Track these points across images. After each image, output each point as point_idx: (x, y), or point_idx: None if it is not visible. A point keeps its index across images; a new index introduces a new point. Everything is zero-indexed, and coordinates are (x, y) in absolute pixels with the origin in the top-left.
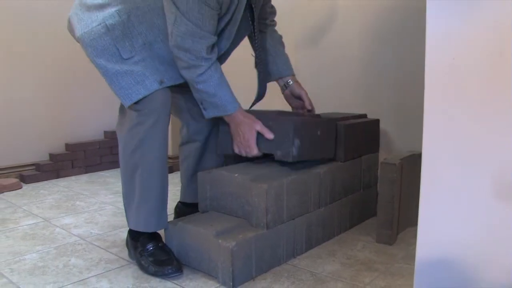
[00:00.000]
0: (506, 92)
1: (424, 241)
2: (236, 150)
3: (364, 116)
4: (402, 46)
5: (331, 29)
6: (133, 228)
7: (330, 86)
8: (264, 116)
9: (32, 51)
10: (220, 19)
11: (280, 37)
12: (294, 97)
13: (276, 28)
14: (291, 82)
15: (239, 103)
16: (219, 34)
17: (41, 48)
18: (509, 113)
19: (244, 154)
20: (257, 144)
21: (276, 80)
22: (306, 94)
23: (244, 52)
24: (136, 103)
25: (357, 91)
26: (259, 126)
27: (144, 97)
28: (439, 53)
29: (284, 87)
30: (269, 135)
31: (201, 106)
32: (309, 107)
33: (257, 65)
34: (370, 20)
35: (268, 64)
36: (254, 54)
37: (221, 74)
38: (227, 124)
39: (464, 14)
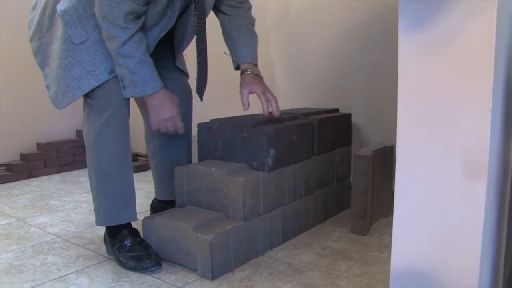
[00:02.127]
0: (475, 84)
1: (399, 234)
2: (155, 127)
3: (336, 110)
4: (374, 42)
5: (303, 24)
6: (97, 225)
7: (303, 82)
8: (238, 126)
9: (0, 49)
10: None
11: (248, 22)
12: (245, 90)
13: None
14: (248, 71)
15: (161, 84)
16: (163, 11)
17: (10, 45)
18: (477, 106)
19: (164, 131)
20: (233, 154)
21: (237, 68)
22: (263, 91)
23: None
24: (90, 97)
25: (329, 87)
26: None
27: (98, 91)
28: (411, 48)
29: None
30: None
31: (121, 84)
32: (266, 112)
33: (196, 41)
34: (342, 15)
35: (231, 51)
36: (226, 52)
37: (144, 52)
38: (204, 133)
39: (437, 9)
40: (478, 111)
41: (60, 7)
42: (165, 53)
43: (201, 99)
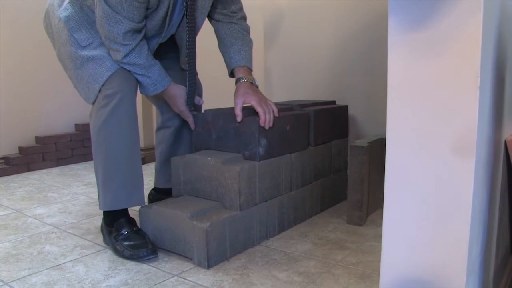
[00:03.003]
0: (463, 61)
1: (389, 222)
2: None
3: (333, 102)
4: (370, 35)
5: (301, 17)
6: (101, 209)
7: (300, 74)
8: (231, 116)
9: (0, 44)
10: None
11: (241, 28)
12: (239, 100)
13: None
14: (243, 80)
15: (169, 81)
16: (161, 25)
17: (9, 40)
18: (465, 83)
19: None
20: (227, 144)
21: (232, 75)
22: (259, 102)
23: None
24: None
25: (326, 80)
26: (184, 91)
27: (109, 78)
28: (399, 41)
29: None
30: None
31: None
32: (263, 123)
33: (187, 60)
34: (339, 9)
35: (224, 57)
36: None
37: (147, 57)
38: (199, 124)
39: (425, 7)
40: (466, 88)
41: (62, 13)
42: (168, 53)
43: (192, 109)
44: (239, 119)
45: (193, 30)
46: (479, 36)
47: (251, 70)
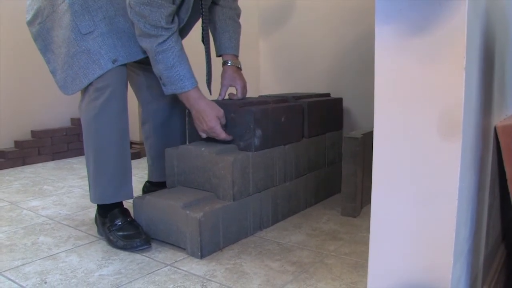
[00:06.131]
0: (449, 43)
1: (377, 214)
2: (203, 136)
3: (328, 95)
4: (364, 27)
5: (295, 9)
6: (92, 202)
7: (294, 67)
8: (226, 107)
9: None
10: None
11: (234, 13)
12: (227, 82)
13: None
14: (229, 63)
15: (196, 82)
16: (179, 5)
17: (5, 34)
18: (452, 64)
19: (212, 136)
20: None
21: (220, 56)
22: (243, 87)
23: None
24: None
25: (321, 72)
26: (221, 113)
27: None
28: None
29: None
30: (224, 121)
31: (160, 82)
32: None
33: (203, 39)
34: (335, 2)
35: (215, 40)
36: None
37: (182, 47)
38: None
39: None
40: (452, 69)
41: None
42: None
43: (210, 92)
44: (220, 98)
45: (206, 7)
46: (465, 18)
47: (237, 56)
